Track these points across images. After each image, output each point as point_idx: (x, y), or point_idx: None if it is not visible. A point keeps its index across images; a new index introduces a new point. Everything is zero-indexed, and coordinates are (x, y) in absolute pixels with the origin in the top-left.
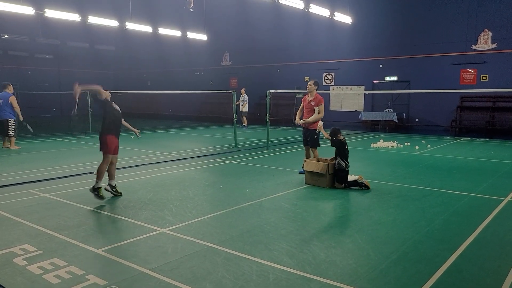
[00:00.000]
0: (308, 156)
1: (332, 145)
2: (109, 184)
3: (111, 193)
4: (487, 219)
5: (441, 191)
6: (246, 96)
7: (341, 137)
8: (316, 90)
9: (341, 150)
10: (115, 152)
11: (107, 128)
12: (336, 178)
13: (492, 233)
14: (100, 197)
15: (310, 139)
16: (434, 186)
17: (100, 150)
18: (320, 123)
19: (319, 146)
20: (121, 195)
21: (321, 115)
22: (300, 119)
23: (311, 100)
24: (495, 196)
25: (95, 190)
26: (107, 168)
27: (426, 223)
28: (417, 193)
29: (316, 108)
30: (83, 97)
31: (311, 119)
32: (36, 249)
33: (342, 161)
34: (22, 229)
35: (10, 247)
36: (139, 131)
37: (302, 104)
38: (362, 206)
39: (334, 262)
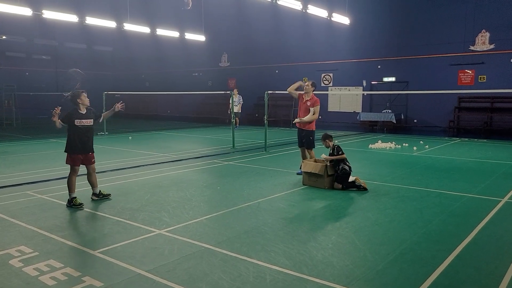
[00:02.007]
0: (304, 157)
1: (342, 152)
2: (94, 193)
3: (100, 199)
4: (484, 220)
5: (439, 192)
6: (241, 97)
7: (332, 143)
8: (313, 91)
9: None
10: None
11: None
12: (337, 178)
13: (489, 234)
14: (79, 205)
15: (306, 141)
16: (431, 187)
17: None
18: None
19: (314, 147)
20: (109, 197)
21: (316, 116)
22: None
23: (307, 100)
24: (493, 196)
25: (70, 202)
26: (87, 178)
27: (423, 224)
28: (414, 194)
29: (311, 109)
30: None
31: (306, 118)
32: (32, 250)
33: (345, 165)
34: (18, 230)
35: (6, 248)
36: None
37: (298, 100)
38: (360, 207)
39: (331, 263)
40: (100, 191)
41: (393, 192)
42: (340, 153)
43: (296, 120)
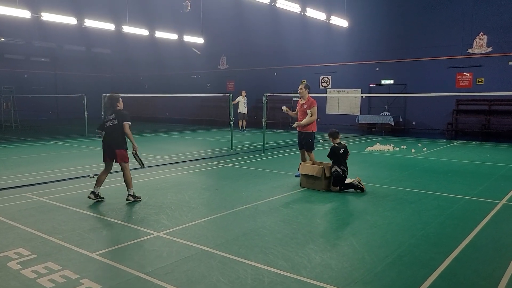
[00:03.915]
0: (303, 160)
1: (329, 156)
2: (93, 192)
3: (97, 200)
4: (482, 222)
5: (437, 194)
6: (246, 99)
7: (337, 141)
8: (308, 93)
9: (336, 158)
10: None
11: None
12: (332, 181)
13: (487, 236)
14: (139, 198)
15: (305, 143)
16: (430, 189)
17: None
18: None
19: (314, 150)
20: (103, 200)
21: (314, 117)
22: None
23: (303, 103)
24: (491, 199)
25: (134, 196)
26: (102, 174)
27: (421, 226)
28: (413, 196)
29: (308, 111)
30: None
31: (304, 121)
32: (30, 253)
33: (338, 168)
34: (17, 232)
35: (4, 251)
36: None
37: (297, 105)
38: (358, 209)
39: (329, 265)
40: (99, 192)
41: (391, 194)
42: (328, 155)
43: (295, 124)
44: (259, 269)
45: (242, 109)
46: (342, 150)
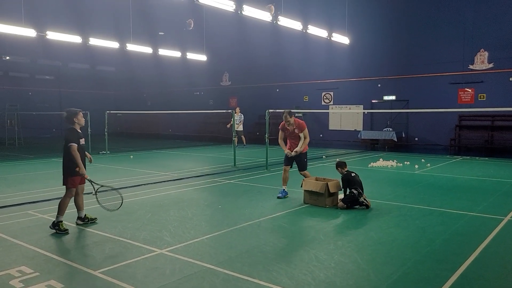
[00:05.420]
0: (285, 177)
1: (344, 186)
2: (79, 217)
3: (85, 223)
4: (488, 238)
5: (441, 211)
6: (242, 116)
7: (346, 170)
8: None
9: (351, 183)
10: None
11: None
12: (347, 200)
13: (492, 252)
14: (64, 231)
15: (299, 162)
16: (434, 206)
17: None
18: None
19: (306, 169)
20: (96, 221)
21: (308, 139)
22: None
23: (294, 128)
24: (495, 215)
25: (56, 225)
26: (74, 199)
27: (426, 243)
28: (417, 213)
29: (301, 135)
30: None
31: (302, 147)
32: (33, 271)
33: (355, 190)
34: (19, 250)
35: (7, 269)
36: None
37: (282, 133)
38: (362, 226)
39: (334, 283)
40: (85, 214)
41: (395, 210)
42: (342, 186)
43: (293, 153)
44: (263, 287)
45: (234, 125)
46: (353, 174)
